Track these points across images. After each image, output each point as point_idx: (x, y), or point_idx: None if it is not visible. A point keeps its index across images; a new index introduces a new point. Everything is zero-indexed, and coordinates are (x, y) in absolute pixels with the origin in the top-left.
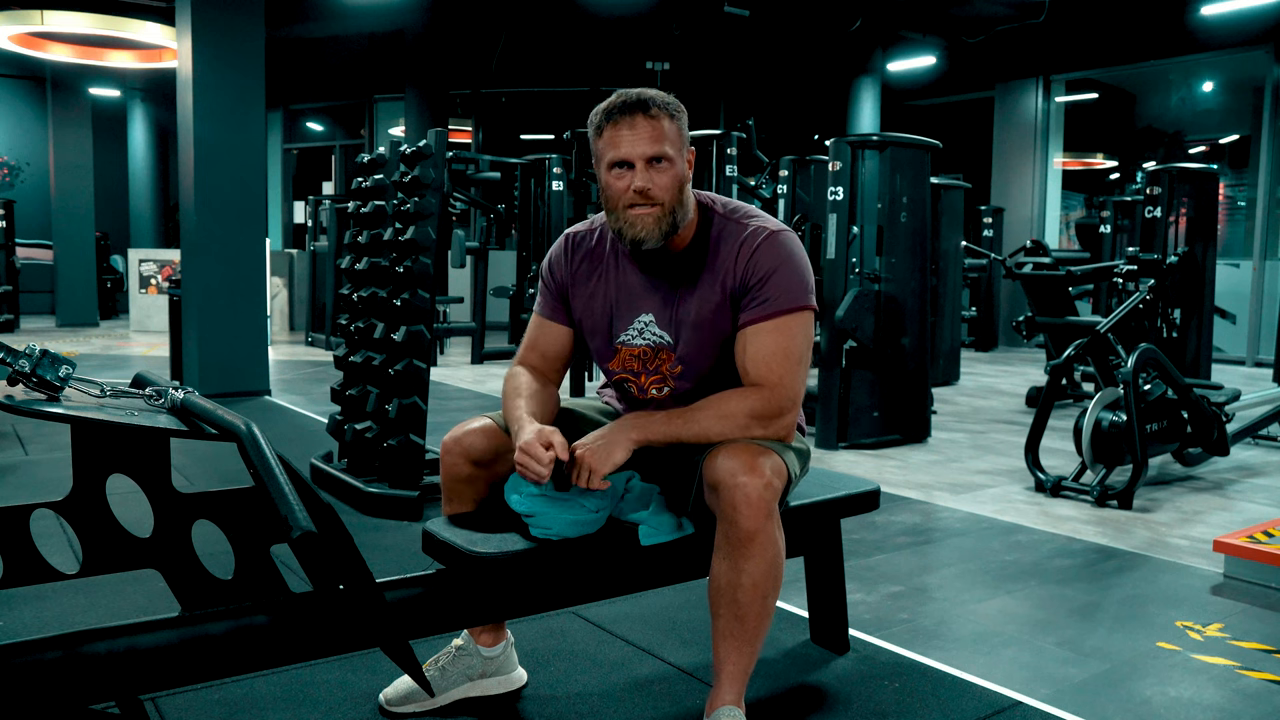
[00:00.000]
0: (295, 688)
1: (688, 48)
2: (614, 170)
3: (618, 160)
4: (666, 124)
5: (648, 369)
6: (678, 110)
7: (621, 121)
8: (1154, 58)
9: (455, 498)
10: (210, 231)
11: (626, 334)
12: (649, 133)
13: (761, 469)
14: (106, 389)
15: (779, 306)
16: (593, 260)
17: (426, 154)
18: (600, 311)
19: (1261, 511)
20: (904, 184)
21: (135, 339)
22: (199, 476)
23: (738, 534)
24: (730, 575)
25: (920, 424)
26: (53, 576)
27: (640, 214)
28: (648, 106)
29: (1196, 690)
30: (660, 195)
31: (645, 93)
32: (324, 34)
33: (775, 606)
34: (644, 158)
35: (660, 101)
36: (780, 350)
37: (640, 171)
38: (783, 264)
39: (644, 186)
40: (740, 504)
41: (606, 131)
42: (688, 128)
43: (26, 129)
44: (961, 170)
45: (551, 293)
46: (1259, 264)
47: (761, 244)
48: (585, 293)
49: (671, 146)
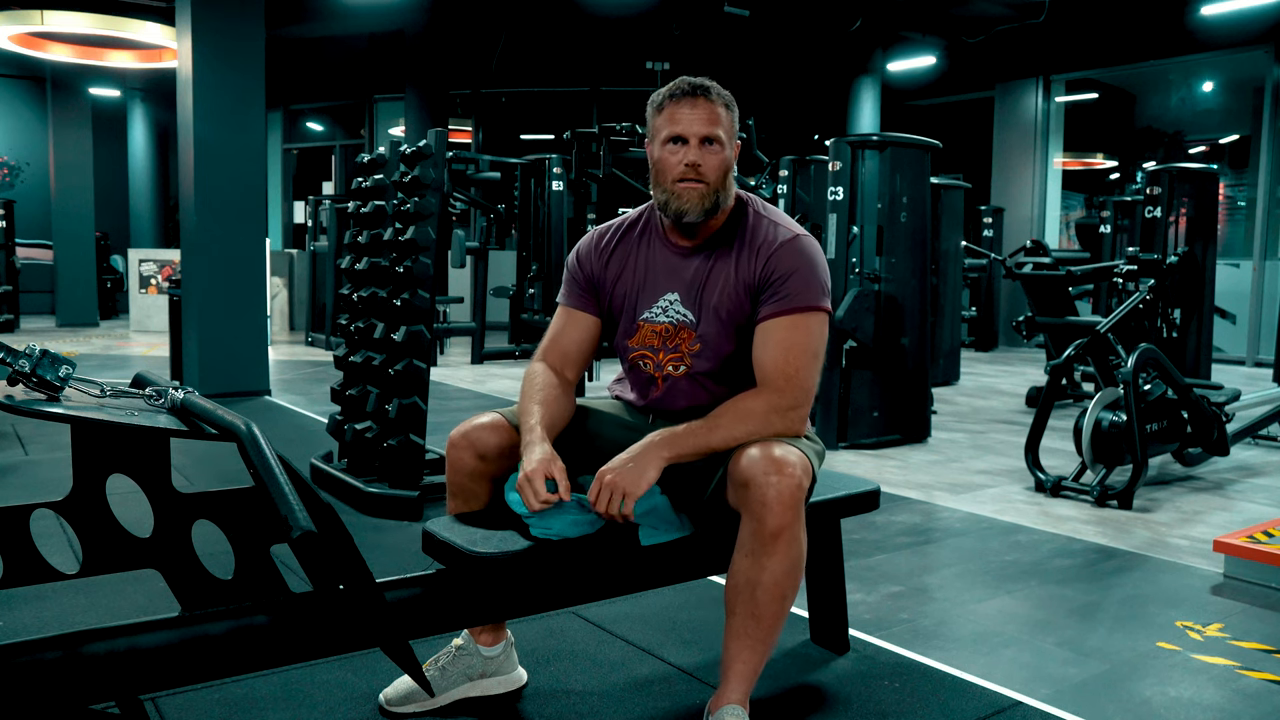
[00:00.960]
0: (295, 688)
1: (688, 48)
2: (669, 145)
3: (675, 135)
4: (722, 111)
5: (667, 346)
6: (732, 103)
7: (684, 100)
8: (1154, 58)
9: (460, 494)
10: (210, 231)
11: (651, 311)
12: (706, 114)
13: (792, 468)
14: (106, 389)
15: (796, 304)
16: (625, 244)
17: (426, 154)
18: (629, 288)
19: (1261, 511)
20: (904, 184)
21: (135, 339)
22: (199, 476)
23: (765, 531)
24: (752, 573)
25: (920, 424)
26: (53, 576)
27: (688, 188)
28: (709, 91)
29: (1196, 690)
30: (708, 173)
31: (707, 81)
32: (324, 34)
33: (791, 610)
34: (699, 136)
35: (719, 91)
36: (796, 345)
37: (694, 148)
38: (803, 265)
39: (696, 161)
40: (772, 501)
41: (668, 108)
42: (738, 122)
43: (26, 129)
44: (961, 170)
45: (578, 283)
46: (1259, 264)
47: (784, 244)
48: (615, 274)
49: (724, 132)
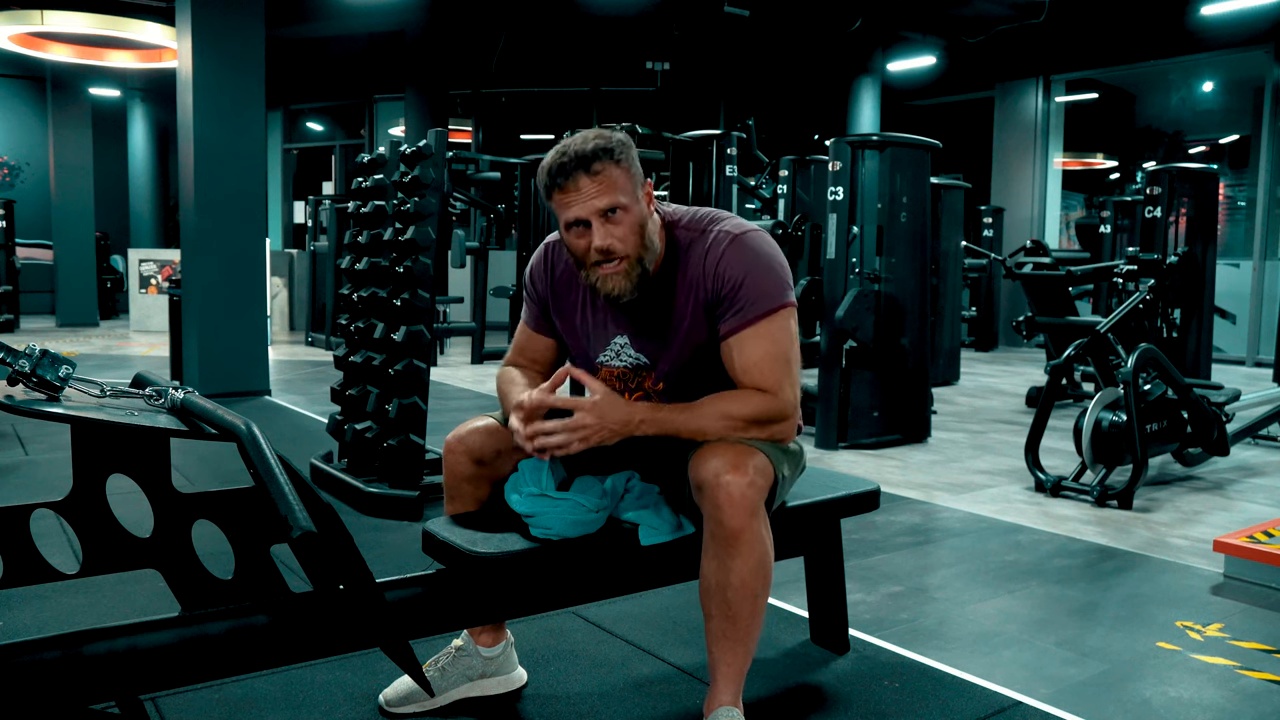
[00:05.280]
0: (295, 688)
1: (688, 48)
2: (573, 229)
3: (572, 220)
4: (614, 172)
5: (629, 388)
6: (623, 151)
7: (567, 185)
8: (1154, 58)
9: (458, 496)
10: (210, 231)
11: (604, 355)
12: (596, 189)
13: (745, 468)
14: (106, 389)
15: (757, 311)
16: (568, 277)
17: (426, 154)
18: (578, 332)
19: (1261, 511)
20: (904, 184)
21: (135, 339)
22: (199, 476)
23: (723, 533)
24: (719, 575)
25: (920, 424)
26: (53, 576)
27: (608, 271)
28: (588, 164)
29: (1196, 690)
30: (622, 248)
31: (584, 148)
32: (324, 34)
33: (766, 605)
34: (597, 213)
35: (601, 151)
36: (769, 356)
37: (597, 229)
38: (752, 267)
39: (604, 244)
40: (724, 503)
41: (555, 196)
42: (637, 161)
43: (26, 129)
44: (961, 170)
45: (535, 303)
46: (1259, 264)
47: (726, 250)
48: (565, 308)
49: (624, 194)
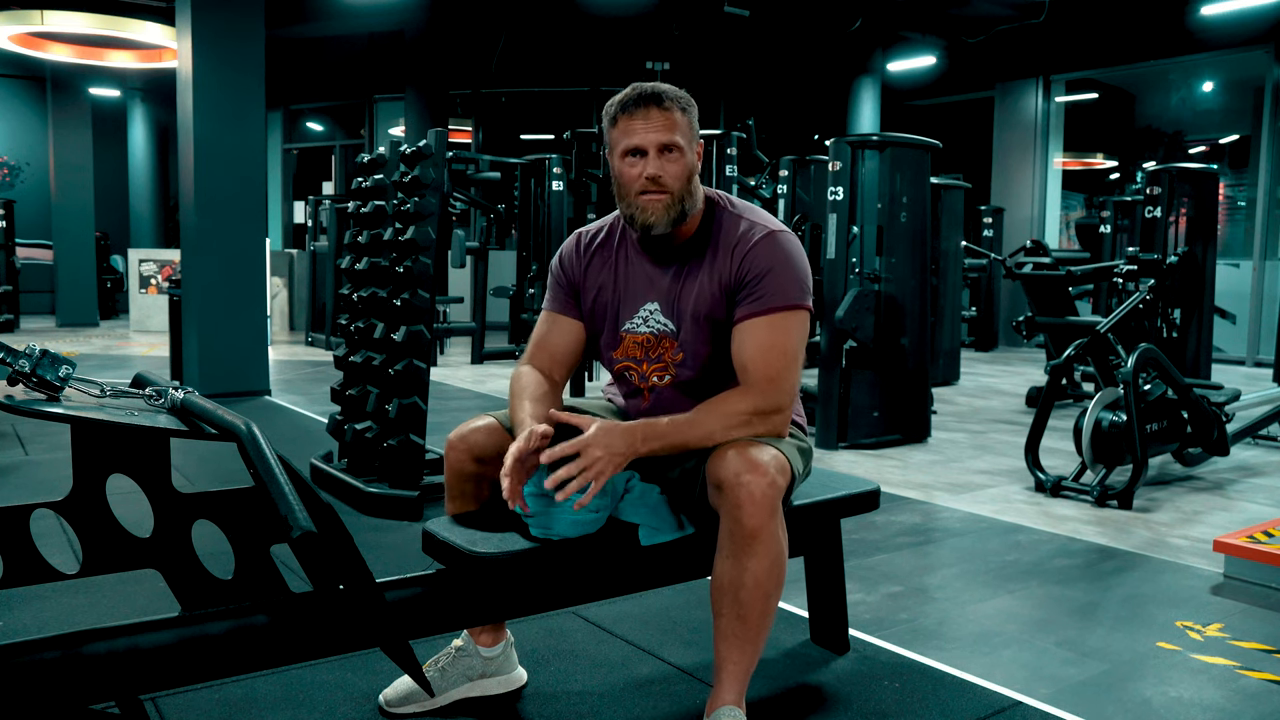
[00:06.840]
0: (295, 688)
1: (688, 48)
2: (627, 158)
3: (631, 148)
4: (678, 116)
5: (650, 356)
6: (689, 104)
7: (636, 112)
8: (1154, 58)
9: (459, 496)
10: (210, 231)
11: (632, 322)
12: (661, 123)
13: (765, 467)
14: (106, 389)
15: (774, 303)
16: (603, 253)
17: (426, 154)
18: (608, 300)
19: (1261, 511)
20: (904, 184)
21: (135, 339)
22: (199, 476)
23: (741, 532)
24: (733, 574)
25: (920, 424)
26: (53, 576)
27: (650, 200)
28: (661, 99)
29: (1196, 690)
30: (670, 183)
31: (659, 86)
32: (324, 34)
33: (778, 607)
34: (656, 146)
35: (673, 95)
36: (775, 347)
37: (652, 159)
38: (780, 263)
39: (655, 173)
40: (745, 501)
41: (621, 121)
42: (698, 123)
43: (26, 129)
44: (961, 170)
45: (562, 287)
46: (1259, 264)
47: (759, 242)
48: (595, 284)
49: (682, 137)
